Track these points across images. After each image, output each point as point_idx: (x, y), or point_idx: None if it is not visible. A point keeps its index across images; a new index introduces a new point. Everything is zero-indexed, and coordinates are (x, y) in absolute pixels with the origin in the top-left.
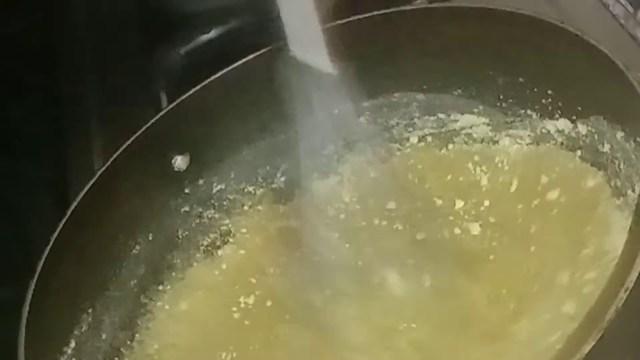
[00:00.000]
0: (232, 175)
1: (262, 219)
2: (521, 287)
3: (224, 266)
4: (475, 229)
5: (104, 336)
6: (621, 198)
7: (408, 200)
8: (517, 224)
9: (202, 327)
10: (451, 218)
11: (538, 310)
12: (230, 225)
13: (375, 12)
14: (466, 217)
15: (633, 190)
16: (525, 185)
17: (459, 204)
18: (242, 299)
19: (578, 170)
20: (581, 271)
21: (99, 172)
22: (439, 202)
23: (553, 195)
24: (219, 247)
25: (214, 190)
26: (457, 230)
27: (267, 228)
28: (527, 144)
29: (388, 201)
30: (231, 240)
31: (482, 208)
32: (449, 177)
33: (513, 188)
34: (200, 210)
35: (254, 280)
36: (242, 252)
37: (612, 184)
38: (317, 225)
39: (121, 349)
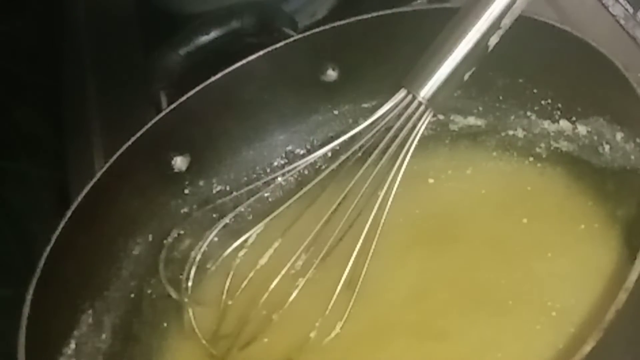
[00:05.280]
0: (232, 176)
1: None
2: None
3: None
4: None
5: (103, 337)
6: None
7: None
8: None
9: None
10: None
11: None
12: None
13: (375, 13)
14: None
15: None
16: (520, 187)
17: None
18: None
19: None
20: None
21: (99, 173)
22: None
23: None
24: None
25: (214, 191)
26: None
27: None
28: (525, 146)
29: None
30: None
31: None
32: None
33: (509, 190)
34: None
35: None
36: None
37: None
38: None
39: (121, 350)
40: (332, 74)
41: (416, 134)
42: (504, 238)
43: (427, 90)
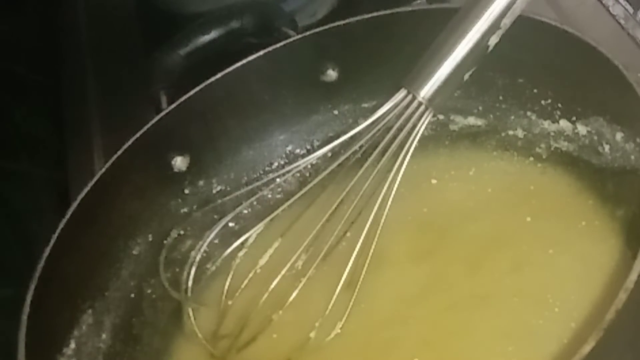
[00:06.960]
0: (232, 176)
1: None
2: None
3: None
4: None
5: (103, 337)
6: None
7: None
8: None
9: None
10: None
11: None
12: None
13: (375, 13)
14: None
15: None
16: (524, 187)
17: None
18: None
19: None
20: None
21: (99, 173)
22: None
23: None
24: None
25: (214, 191)
26: None
27: None
28: (525, 146)
29: None
30: None
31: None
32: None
33: (513, 190)
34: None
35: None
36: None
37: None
38: None
39: (121, 350)
40: (332, 74)
41: (416, 134)
42: (509, 236)
43: (427, 90)
